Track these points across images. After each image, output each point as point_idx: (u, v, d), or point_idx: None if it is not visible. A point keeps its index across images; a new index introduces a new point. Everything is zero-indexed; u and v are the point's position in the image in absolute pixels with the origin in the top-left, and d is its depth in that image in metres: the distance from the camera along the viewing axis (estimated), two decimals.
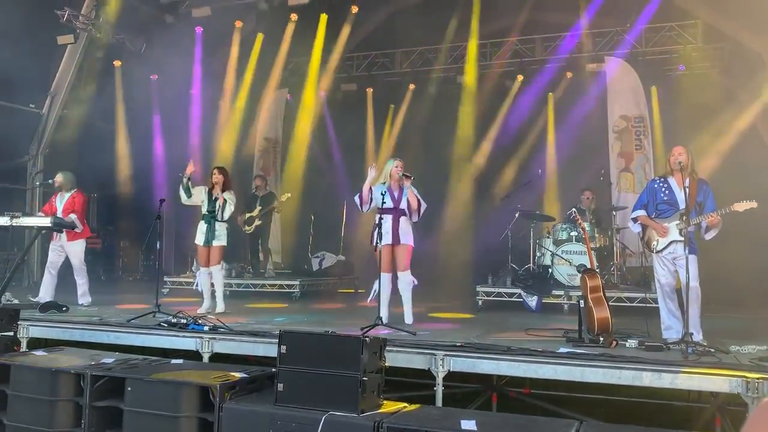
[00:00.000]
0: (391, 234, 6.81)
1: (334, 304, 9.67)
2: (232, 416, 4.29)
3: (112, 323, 6.54)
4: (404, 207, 6.88)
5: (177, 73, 13.16)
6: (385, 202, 6.79)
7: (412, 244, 6.94)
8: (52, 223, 7.85)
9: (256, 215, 11.02)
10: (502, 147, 13.57)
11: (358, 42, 14.16)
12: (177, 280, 10.73)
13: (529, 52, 13.31)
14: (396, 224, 6.84)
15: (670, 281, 5.96)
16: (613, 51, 12.47)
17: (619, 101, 12.02)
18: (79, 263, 8.28)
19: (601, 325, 5.61)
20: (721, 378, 4.46)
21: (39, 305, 7.45)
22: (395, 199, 6.87)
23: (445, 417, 4.14)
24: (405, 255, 6.88)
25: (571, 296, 8.57)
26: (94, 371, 4.76)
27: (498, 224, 10.35)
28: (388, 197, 6.82)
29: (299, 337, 4.43)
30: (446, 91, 13.98)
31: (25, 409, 4.86)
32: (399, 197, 6.89)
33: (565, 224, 9.64)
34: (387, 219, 6.80)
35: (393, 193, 6.90)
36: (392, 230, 6.82)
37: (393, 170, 6.91)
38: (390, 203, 6.82)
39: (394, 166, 6.92)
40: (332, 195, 14.65)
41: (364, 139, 15.18)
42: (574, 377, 4.86)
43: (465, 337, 5.94)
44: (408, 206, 6.85)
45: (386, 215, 6.81)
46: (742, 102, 11.62)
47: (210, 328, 6.07)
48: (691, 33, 11.94)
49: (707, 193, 5.82)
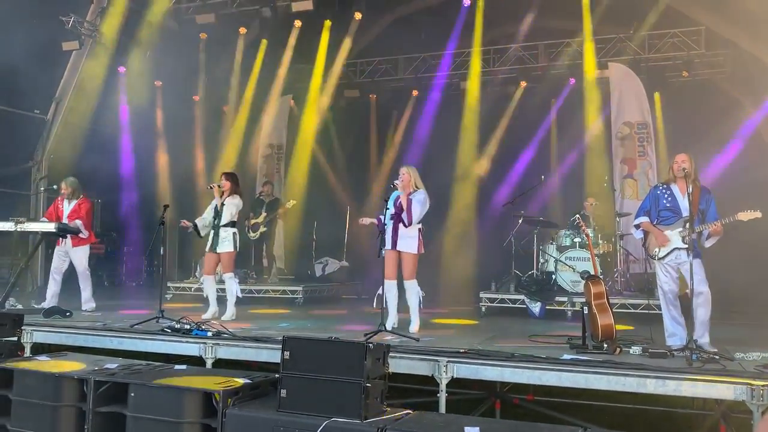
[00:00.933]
0: (391, 240, 6.79)
1: (337, 310, 9.66)
2: (235, 422, 4.28)
3: (115, 328, 6.54)
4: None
5: (181, 79, 13.21)
6: (388, 208, 6.80)
7: (415, 252, 6.84)
8: (56, 228, 7.86)
9: (262, 221, 11.02)
10: (505, 153, 13.58)
11: (361, 48, 14.21)
12: (180, 286, 10.74)
13: (532, 58, 13.33)
14: (395, 230, 6.81)
15: (673, 288, 5.95)
16: (616, 57, 12.48)
17: (622, 108, 12.01)
18: (83, 269, 8.28)
19: (604, 332, 5.60)
20: (726, 385, 4.44)
21: (43, 310, 7.45)
22: (397, 206, 6.86)
23: (448, 424, 4.13)
24: (408, 263, 6.84)
25: (575, 303, 8.56)
26: (97, 377, 4.76)
27: (501, 230, 10.36)
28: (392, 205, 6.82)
29: (303, 343, 4.42)
30: (449, 97, 14.01)
31: (29, 415, 4.86)
32: (401, 204, 6.88)
33: (569, 230, 9.63)
34: (390, 226, 6.82)
35: (398, 200, 6.90)
36: (392, 236, 6.80)
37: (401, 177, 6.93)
38: (393, 209, 6.82)
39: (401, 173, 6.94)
40: (336, 201, 14.68)
41: (367, 146, 15.21)
42: (577, 384, 4.84)
43: (468, 343, 5.93)
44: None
45: (390, 222, 6.83)
46: (745, 109, 11.62)
47: (213, 333, 6.06)
48: (695, 40, 11.96)
49: (709, 201, 5.82)
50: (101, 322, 6.99)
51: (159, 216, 7.36)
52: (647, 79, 12.19)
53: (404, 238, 6.80)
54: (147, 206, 12.53)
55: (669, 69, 12.48)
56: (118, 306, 8.83)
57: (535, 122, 13.69)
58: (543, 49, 13.23)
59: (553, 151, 13.62)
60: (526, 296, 8.93)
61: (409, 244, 6.82)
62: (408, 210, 6.75)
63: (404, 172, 6.92)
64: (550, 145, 13.66)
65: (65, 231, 7.99)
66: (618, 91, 12.10)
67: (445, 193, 12.92)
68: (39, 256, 11.38)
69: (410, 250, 6.82)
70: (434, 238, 11.50)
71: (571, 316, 8.47)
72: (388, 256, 6.82)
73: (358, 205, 14.30)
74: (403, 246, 6.80)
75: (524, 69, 13.36)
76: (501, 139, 13.68)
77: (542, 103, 13.63)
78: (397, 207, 6.84)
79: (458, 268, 11.94)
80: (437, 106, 14.15)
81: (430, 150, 13.58)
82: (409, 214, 6.75)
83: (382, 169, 14.88)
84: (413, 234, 6.84)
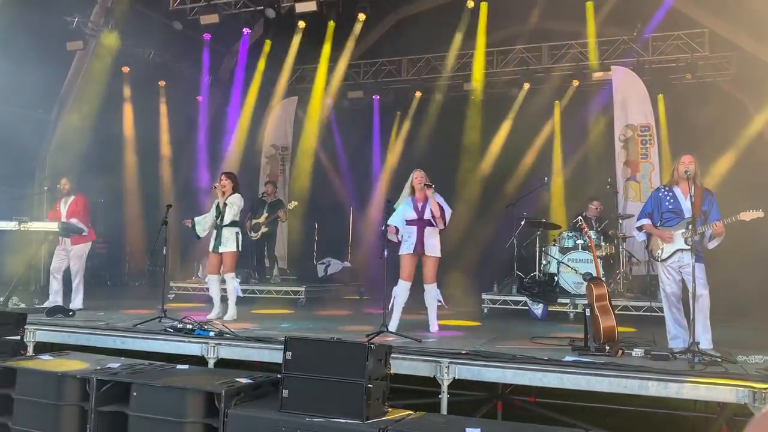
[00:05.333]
0: (415, 244, 6.85)
1: (339, 310, 9.66)
2: (237, 422, 4.28)
3: (118, 328, 6.55)
4: (429, 217, 6.90)
5: (185, 79, 13.22)
6: (394, 209, 6.84)
7: (439, 255, 6.96)
8: (59, 228, 7.88)
9: (263, 222, 11.02)
10: (509, 155, 13.57)
11: (365, 50, 14.23)
12: (183, 286, 10.75)
13: (535, 60, 13.33)
14: (421, 234, 6.87)
15: (676, 290, 5.94)
16: (619, 59, 12.48)
17: (625, 110, 12.00)
18: (80, 266, 8.29)
19: (607, 334, 5.59)
20: (728, 388, 4.43)
21: (46, 309, 7.47)
22: (419, 210, 6.91)
23: (450, 425, 4.14)
24: (432, 267, 6.94)
25: (577, 304, 8.54)
26: (99, 376, 4.77)
27: (504, 232, 10.34)
28: (411, 210, 6.87)
29: (305, 344, 4.43)
30: (453, 98, 14.01)
31: (31, 414, 4.87)
32: (423, 208, 6.92)
33: (571, 232, 9.62)
34: (412, 230, 6.86)
35: (417, 204, 6.94)
36: (417, 240, 6.85)
37: (414, 181, 6.96)
38: (414, 215, 6.88)
39: (414, 177, 6.97)
40: (339, 202, 14.70)
41: (371, 146, 15.21)
42: (579, 386, 4.84)
43: (470, 344, 5.93)
44: (432, 216, 6.87)
45: (411, 227, 6.87)
46: (748, 111, 11.61)
47: (215, 333, 6.07)
48: (698, 42, 11.96)
49: (712, 203, 5.82)
50: (104, 321, 7.00)
51: (162, 216, 7.37)
52: (650, 81, 12.18)
53: (431, 241, 6.90)
54: (150, 206, 12.53)
55: (672, 71, 12.48)
56: (120, 305, 8.84)
57: (538, 124, 13.68)
58: (546, 51, 13.23)
59: (556, 153, 13.61)
60: (528, 298, 8.92)
61: (435, 248, 6.94)
62: (442, 214, 6.86)
63: (421, 175, 6.96)
64: (553, 147, 13.64)
65: (67, 230, 8.01)
66: (621, 93, 12.09)
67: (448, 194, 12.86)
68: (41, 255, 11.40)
69: (435, 253, 6.95)
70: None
71: (573, 318, 8.46)
72: (407, 259, 6.89)
73: (360, 206, 14.32)
74: (430, 250, 6.89)
75: (528, 71, 13.36)
76: (504, 141, 13.67)
77: (545, 104, 13.62)
78: (420, 212, 6.88)
79: (460, 269, 11.92)
80: (441, 108, 14.15)
81: (433, 151, 13.57)
82: (443, 217, 6.87)
83: (385, 170, 14.89)
84: (437, 238, 6.96)
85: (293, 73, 14.20)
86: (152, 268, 13.89)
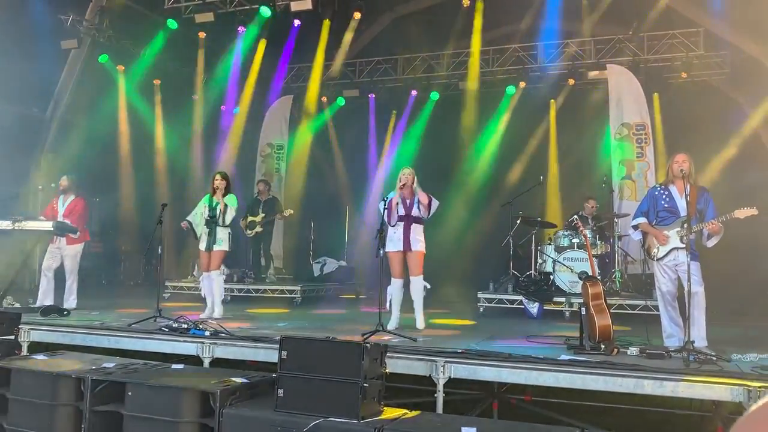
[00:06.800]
0: (403, 241, 6.93)
1: (335, 309, 9.66)
2: (232, 422, 4.28)
3: (113, 328, 6.54)
4: (417, 214, 6.97)
5: (180, 78, 13.18)
6: (386, 208, 6.85)
7: (424, 250, 7.04)
8: (54, 227, 7.85)
9: (259, 221, 11.00)
10: (504, 153, 13.57)
11: (360, 48, 14.21)
12: (178, 285, 10.73)
13: (531, 58, 13.34)
14: (408, 231, 6.95)
15: (671, 289, 5.95)
16: (615, 58, 12.49)
17: (621, 108, 12.01)
18: (74, 265, 8.27)
19: (602, 333, 5.60)
20: (723, 386, 4.44)
21: (40, 309, 7.44)
22: (407, 207, 6.97)
23: (445, 424, 4.14)
24: (418, 260, 7.00)
25: (573, 303, 8.57)
26: (94, 376, 4.76)
27: (499, 231, 10.35)
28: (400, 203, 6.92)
29: (300, 343, 4.42)
30: (448, 97, 14.00)
31: (26, 414, 4.86)
32: (411, 204, 6.98)
33: (567, 231, 9.64)
34: (399, 227, 6.93)
35: (405, 201, 6.99)
36: (404, 237, 6.93)
37: (401, 178, 6.99)
38: (402, 211, 6.94)
39: (401, 175, 7.00)
40: (334, 200, 14.67)
41: (366, 145, 15.19)
42: (575, 385, 4.84)
43: (466, 343, 5.93)
44: (419, 205, 6.94)
45: (398, 223, 6.94)
46: (744, 110, 11.63)
47: (211, 333, 6.06)
48: (694, 41, 11.98)
49: (707, 201, 5.82)
50: (99, 321, 6.98)
51: (157, 215, 7.35)
52: (646, 80, 12.18)
53: (416, 237, 6.99)
54: (145, 205, 12.49)
55: (668, 70, 12.49)
56: (115, 305, 8.82)
57: (534, 123, 13.68)
58: (542, 50, 13.24)
59: (552, 152, 13.61)
60: (524, 297, 8.93)
61: (420, 243, 7.02)
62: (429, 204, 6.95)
63: (408, 173, 6.98)
64: (549, 146, 13.65)
65: (62, 230, 7.98)
66: (616, 92, 12.10)
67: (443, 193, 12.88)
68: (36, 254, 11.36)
69: (420, 248, 7.02)
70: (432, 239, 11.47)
71: (569, 317, 8.48)
72: (394, 257, 6.99)
73: (356, 204, 14.30)
74: (415, 246, 6.97)
75: (523, 69, 13.36)
76: (499, 139, 13.67)
77: (541, 103, 13.63)
78: (408, 208, 6.92)
79: (456, 268, 11.93)
80: (436, 106, 14.15)
81: (428, 150, 13.57)
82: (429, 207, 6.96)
83: (380, 168, 14.88)
84: (422, 234, 7.06)
85: (288, 72, 14.18)
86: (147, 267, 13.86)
